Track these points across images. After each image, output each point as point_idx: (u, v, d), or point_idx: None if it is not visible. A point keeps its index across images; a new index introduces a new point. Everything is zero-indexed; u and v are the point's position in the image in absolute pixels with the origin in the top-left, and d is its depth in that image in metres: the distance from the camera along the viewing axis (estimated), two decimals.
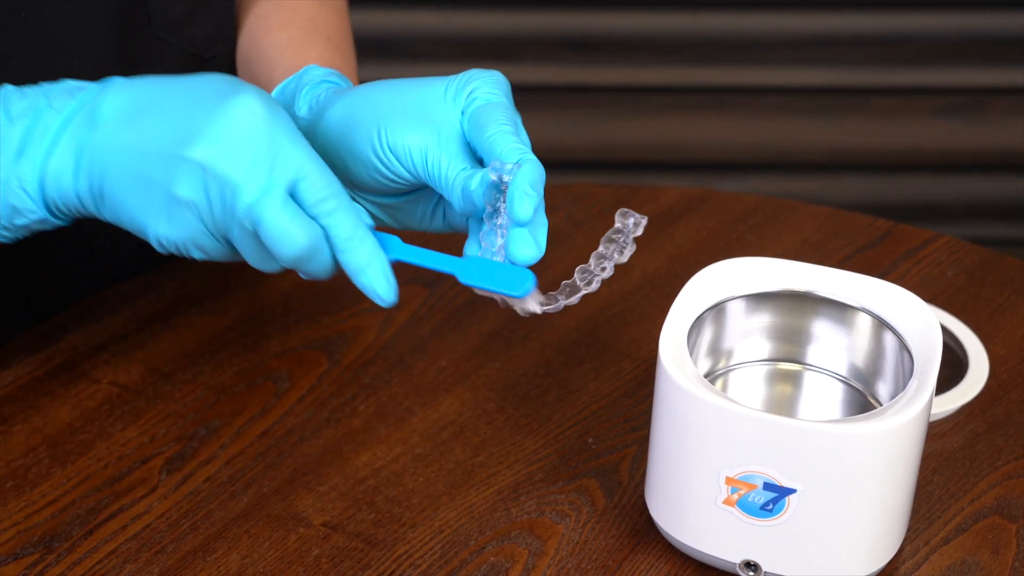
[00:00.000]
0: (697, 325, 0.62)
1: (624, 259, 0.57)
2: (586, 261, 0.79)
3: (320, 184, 0.53)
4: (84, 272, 0.75)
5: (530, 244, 0.55)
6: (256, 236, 0.53)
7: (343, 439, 0.67)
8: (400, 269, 0.77)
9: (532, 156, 0.55)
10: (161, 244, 0.55)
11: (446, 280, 0.77)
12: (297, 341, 0.73)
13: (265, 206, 0.52)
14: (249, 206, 0.52)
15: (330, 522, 0.63)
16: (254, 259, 0.55)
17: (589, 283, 0.57)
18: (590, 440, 0.67)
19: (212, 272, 0.77)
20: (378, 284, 0.55)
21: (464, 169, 0.56)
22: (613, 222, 0.82)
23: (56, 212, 0.57)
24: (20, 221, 0.57)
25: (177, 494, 0.64)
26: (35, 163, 0.55)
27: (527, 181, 0.54)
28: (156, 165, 0.53)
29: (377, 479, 0.65)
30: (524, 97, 1.49)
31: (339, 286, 0.77)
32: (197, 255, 0.56)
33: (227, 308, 0.75)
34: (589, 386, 0.71)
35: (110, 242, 0.73)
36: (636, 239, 0.58)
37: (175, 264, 0.77)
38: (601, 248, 0.57)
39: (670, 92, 1.45)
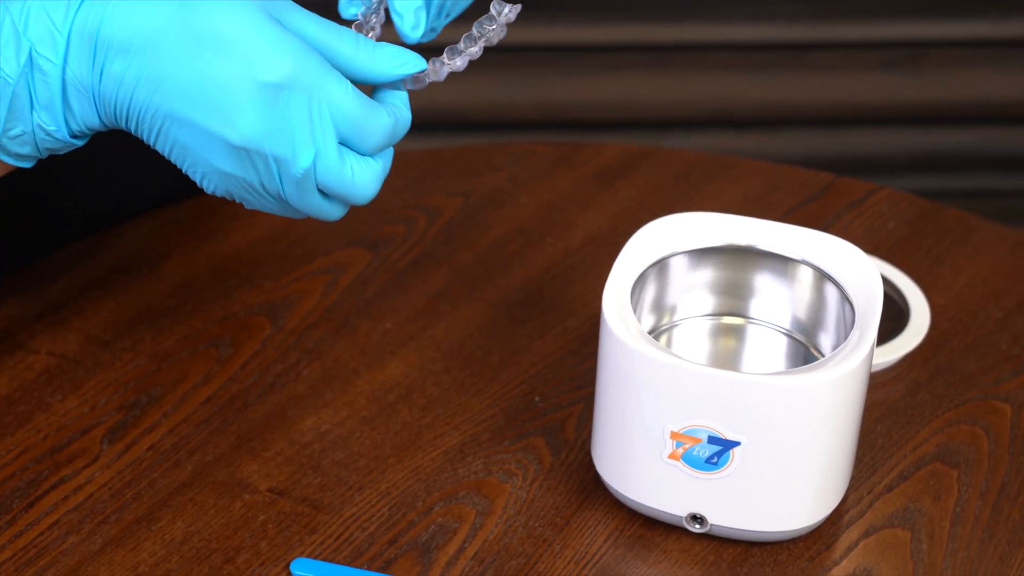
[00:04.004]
0: (640, 282, 0.62)
1: (493, 43, 0.53)
2: (530, 222, 0.79)
3: (366, 130, 0.50)
4: (29, 239, 0.74)
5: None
6: (318, 192, 0.51)
7: (288, 404, 0.67)
8: (341, 232, 0.77)
9: None
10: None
11: (390, 242, 0.77)
12: (239, 306, 0.72)
13: (322, 168, 0.50)
14: (305, 171, 0.49)
15: (276, 487, 0.63)
16: (318, 210, 0.51)
17: (453, 58, 0.53)
18: (536, 399, 0.67)
19: (151, 238, 0.76)
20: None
21: None
22: (556, 181, 0.82)
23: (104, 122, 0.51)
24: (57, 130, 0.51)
25: (119, 463, 0.63)
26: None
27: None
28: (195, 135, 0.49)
29: (323, 443, 0.65)
30: None
31: (282, 250, 0.76)
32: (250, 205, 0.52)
33: (166, 274, 0.74)
34: (534, 345, 0.70)
35: (62, 207, 0.71)
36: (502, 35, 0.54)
37: (113, 230, 0.76)
38: (473, 31, 0.53)
39: (611, 51, 1.45)
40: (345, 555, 0.60)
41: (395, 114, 0.52)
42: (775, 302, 0.65)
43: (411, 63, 0.52)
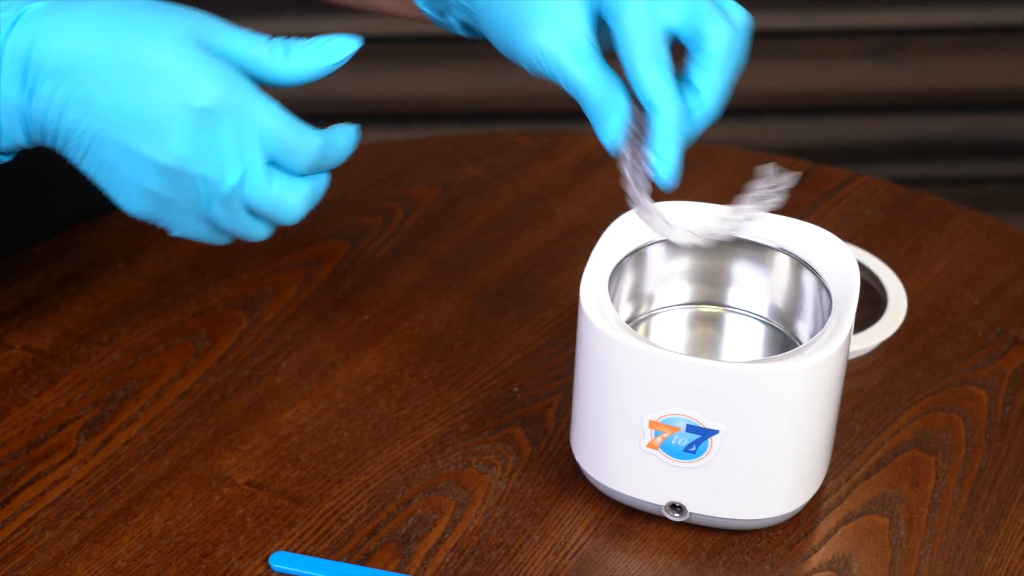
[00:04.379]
0: (618, 271, 0.62)
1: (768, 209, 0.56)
2: (509, 212, 0.78)
3: (294, 150, 0.51)
4: (13, 234, 0.73)
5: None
6: (246, 211, 0.52)
7: (265, 397, 0.67)
8: (318, 224, 0.76)
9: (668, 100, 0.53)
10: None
11: (368, 233, 0.77)
12: (216, 299, 0.72)
13: (249, 187, 0.51)
14: (232, 189, 0.51)
15: (254, 481, 0.62)
16: (245, 230, 0.53)
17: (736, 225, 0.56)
18: (515, 389, 0.67)
19: (127, 232, 0.76)
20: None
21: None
22: (535, 171, 0.82)
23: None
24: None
25: (96, 458, 0.63)
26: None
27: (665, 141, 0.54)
28: (122, 156, 0.51)
29: (301, 436, 0.65)
30: (448, 48, 1.48)
31: (259, 242, 0.76)
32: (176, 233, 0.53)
33: (142, 268, 0.73)
34: (513, 336, 0.70)
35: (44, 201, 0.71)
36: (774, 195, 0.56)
37: (89, 224, 0.76)
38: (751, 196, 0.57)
39: None
40: (324, 548, 0.60)
41: (326, 136, 0.52)
42: (753, 290, 0.65)
43: (335, 51, 0.52)
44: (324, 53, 0.52)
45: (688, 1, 0.54)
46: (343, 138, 0.53)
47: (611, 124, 0.55)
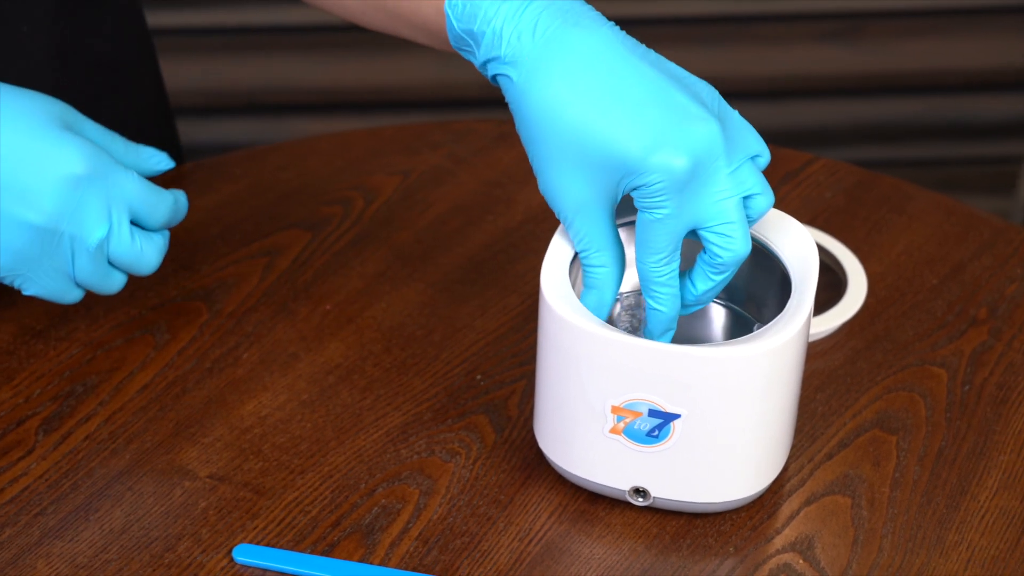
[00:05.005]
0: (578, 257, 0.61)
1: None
2: (470, 200, 0.78)
3: (153, 208, 0.60)
4: None
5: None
6: (108, 264, 0.60)
7: (227, 389, 0.66)
8: (277, 215, 0.76)
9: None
10: None
11: (328, 223, 0.76)
12: (175, 291, 0.71)
13: (115, 241, 0.59)
14: (100, 243, 0.59)
15: (216, 473, 0.62)
16: (104, 282, 0.60)
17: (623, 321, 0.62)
18: (478, 377, 0.67)
19: None
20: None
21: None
22: (496, 158, 0.82)
23: None
24: None
25: (56, 454, 0.62)
26: None
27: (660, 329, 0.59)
28: None
29: (263, 427, 0.64)
30: None
31: (218, 233, 0.76)
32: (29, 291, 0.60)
33: None
34: (476, 323, 0.70)
35: None
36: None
37: None
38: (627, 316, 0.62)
39: None
40: (288, 540, 0.59)
41: (175, 195, 0.62)
42: None
43: (161, 161, 0.64)
44: (156, 160, 0.64)
45: (719, 211, 0.56)
46: (183, 197, 0.63)
47: (598, 301, 0.59)
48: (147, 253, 0.60)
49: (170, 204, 0.61)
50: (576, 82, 0.55)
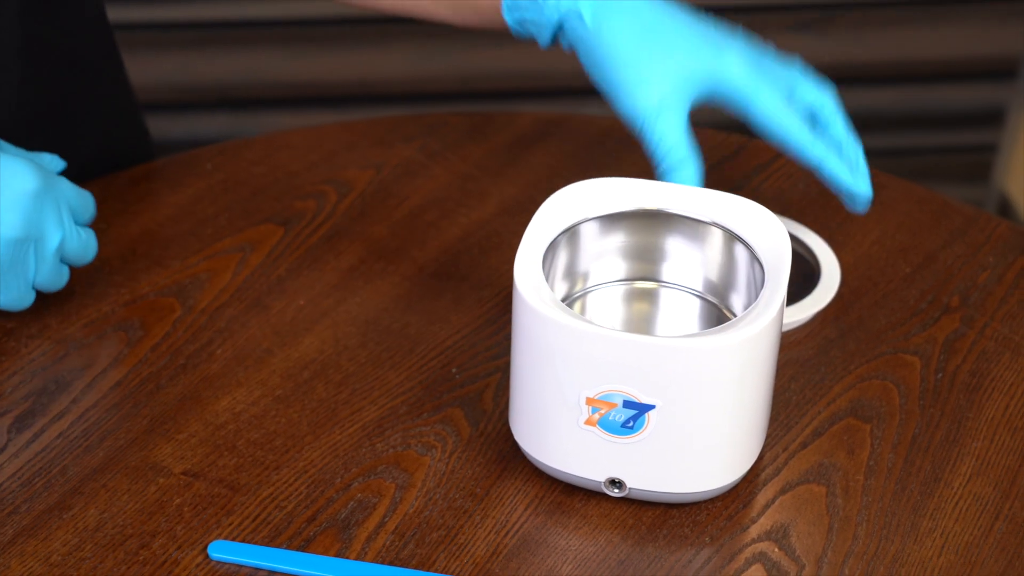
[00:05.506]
0: (552, 249, 0.62)
1: None
2: (443, 193, 0.78)
3: (86, 208, 0.67)
4: None
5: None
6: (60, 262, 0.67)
7: (201, 385, 0.66)
8: (250, 210, 0.75)
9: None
10: None
11: (301, 218, 0.76)
12: (147, 288, 0.71)
13: (69, 241, 0.66)
14: (59, 245, 0.66)
15: (191, 470, 0.62)
16: (57, 279, 0.67)
17: None
18: (453, 370, 0.67)
19: None
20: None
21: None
22: (469, 151, 0.82)
23: None
24: None
25: (28, 452, 0.62)
26: None
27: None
28: None
29: (238, 423, 0.64)
30: (385, 29, 1.47)
31: (190, 229, 0.75)
32: None
33: None
34: (451, 317, 0.70)
35: None
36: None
37: None
38: None
39: None
40: (263, 535, 0.59)
41: (89, 193, 0.68)
42: (687, 265, 0.65)
43: (55, 161, 0.69)
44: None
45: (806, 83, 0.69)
46: (90, 195, 0.69)
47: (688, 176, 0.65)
48: (90, 245, 0.67)
49: (92, 199, 0.68)
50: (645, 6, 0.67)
